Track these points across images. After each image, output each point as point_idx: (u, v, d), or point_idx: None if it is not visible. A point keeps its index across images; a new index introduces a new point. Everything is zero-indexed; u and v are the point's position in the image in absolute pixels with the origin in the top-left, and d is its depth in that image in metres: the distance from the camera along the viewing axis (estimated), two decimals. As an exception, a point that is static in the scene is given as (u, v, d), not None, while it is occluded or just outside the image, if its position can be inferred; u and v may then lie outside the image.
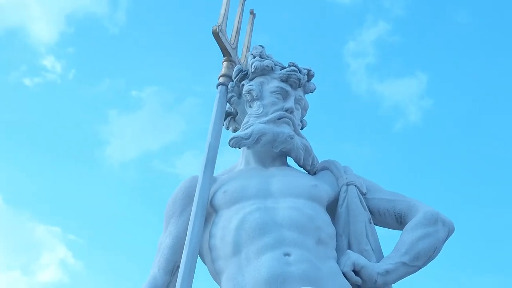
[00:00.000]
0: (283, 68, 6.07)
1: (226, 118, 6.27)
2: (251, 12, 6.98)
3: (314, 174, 6.00)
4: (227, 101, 6.21)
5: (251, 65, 6.08)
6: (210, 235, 5.50)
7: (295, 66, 6.06)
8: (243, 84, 6.11)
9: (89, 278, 18.96)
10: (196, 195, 5.58)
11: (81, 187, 19.47)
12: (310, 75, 6.18)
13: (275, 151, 5.85)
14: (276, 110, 5.84)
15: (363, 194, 5.78)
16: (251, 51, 6.27)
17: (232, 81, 6.21)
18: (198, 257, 5.46)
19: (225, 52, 6.37)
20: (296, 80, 6.01)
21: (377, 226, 5.81)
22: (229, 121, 6.31)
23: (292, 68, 6.03)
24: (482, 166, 18.21)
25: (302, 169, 6.03)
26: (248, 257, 5.18)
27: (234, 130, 6.28)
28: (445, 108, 19.60)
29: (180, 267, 5.24)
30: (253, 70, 6.06)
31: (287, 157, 6.06)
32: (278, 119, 5.80)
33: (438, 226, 5.56)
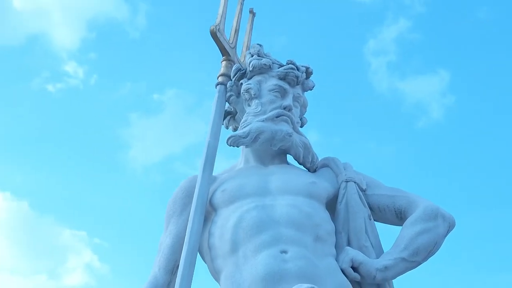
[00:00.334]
0: (281, 66, 6.08)
1: (226, 117, 6.29)
2: (251, 11, 6.98)
3: (315, 172, 5.99)
4: (226, 100, 6.23)
5: (249, 64, 6.10)
6: (209, 234, 5.51)
7: (293, 64, 6.06)
8: (242, 83, 6.12)
9: (115, 281, 19.11)
10: (195, 194, 5.60)
11: (105, 191, 19.65)
12: (309, 73, 6.17)
13: (274, 149, 5.84)
14: (275, 108, 5.85)
15: (363, 191, 5.76)
16: (249, 50, 6.29)
17: (231, 80, 6.22)
18: (199, 256, 5.50)
19: (224, 52, 6.40)
20: (294, 78, 6.01)
21: (378, 222, 5.79)
22: (229, 120, 6.32)
23: (290, 66, 6.04)
24: (508, 163, 18.00)
25: (302, 167, 6.03)
26: (246, 255, 5.19)
27: (234, 129, 6.28)
28: (468, 105, 19.47)
29: (180, 266, 5.27)
30: (251, 69, 6.08)
31: (288, 155, 6.05)
32: (277, 117, 5.80)
33: (438, 221, 5.52)
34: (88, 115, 19.99)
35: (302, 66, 6.13)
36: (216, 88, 6.30)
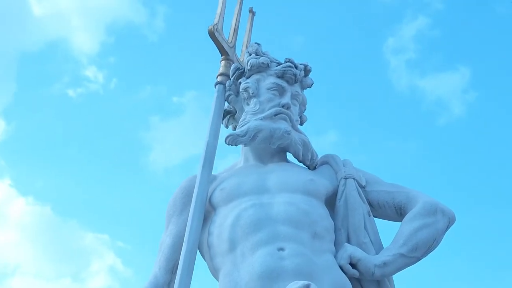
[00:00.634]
0: (280, 65, 6.08)
1: (226, 117, 6.31)
2: (250, 11, 6.99)
3: (315, 169, 5.98)
4: (226, 100, 6.24)
5: (247, 63, 6.11)
6: (209, 233, 5.53)
7: (291, 62, 6.06)
8: (240, 82, 6.13)
9: (139, 284, 19.04)
10: (194, 194, 5.62)
11: (127, 194, 19.77)
12: (307, 70, 6.17)
13: (273, 147, 5.85)
14: (273, 106, 5.85)
15: (362, 187, 5.74)
16: (247, 49, 6.30)
17: (230, 80, 6.24)
18: (199, 255, 5.52)
19: (222, 51, 6.40)
20: (292, 76, 6.01)
21: (378, 219, 5.77)
22: (228, 120, 6.33)
23: (288, 64, 6.03)
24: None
25: (302, 165, 6.02)
26: (244, 253, 5.20)
27: (234, 128, 6.28)
28: (490, 101, 19.28)
29: (179, 265, 5.30)
30: (249, 68, 6.09)
31: (288, 153, 6.05)
32: (275, 115, 5.80)
33: (438, 216, 5.49)
34: (109, 119, 20.18)
35: (301, 64, 6.13)
36: (215, 88, 6.30)
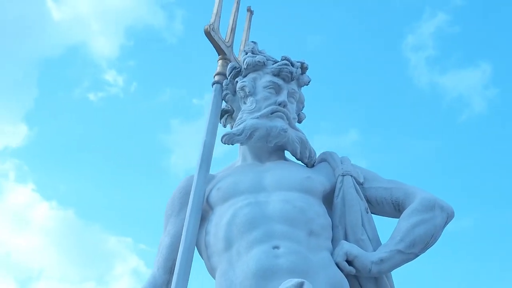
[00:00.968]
0: (276, 63, 6.06)
1: (223, 116, 6.30)
2: (248, 10, 6.99)
3: (313, 167, 5.96)
4: (223, 99, 6.24)
5: (244, 62, 6.10)
6: (206, 232, 5.53)
7: (287, 60, 6.04)
8: (237, 81, 6.12)
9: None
10: (192, 193, 5.63)
11: (149, 197, 19.78)
12: (304, 68, 6.14)
13: (270, 146, 5.83)
14: (269, 105, 5.83)
15: (360, 184, 5.70)
16: (244, 48, 6.29)
17: (227, 79, 6.24)
18: (197, 254, 5.53)
19: (219, 51, 6.41)
20: (288, 74, 5.98)
21: (377, 215, 5.73)
22: (226, 119, 6.33)
23: (284, 62, 6.01)
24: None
25: (301, 163, 5.99)
26: (239, 252, 5.19)
27: (232, 128, 6.28)
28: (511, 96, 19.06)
29: (176, 264, 5.31)
30: (246, 66, 6.07)
31: (286, 151, 6.03)
32: (271, 114, 5.78)
33: (435, 212, 5.44)
34: (129, 123, 20.29)
35: (297, 62, 6.10)
36: (212, 87, 6.30)
